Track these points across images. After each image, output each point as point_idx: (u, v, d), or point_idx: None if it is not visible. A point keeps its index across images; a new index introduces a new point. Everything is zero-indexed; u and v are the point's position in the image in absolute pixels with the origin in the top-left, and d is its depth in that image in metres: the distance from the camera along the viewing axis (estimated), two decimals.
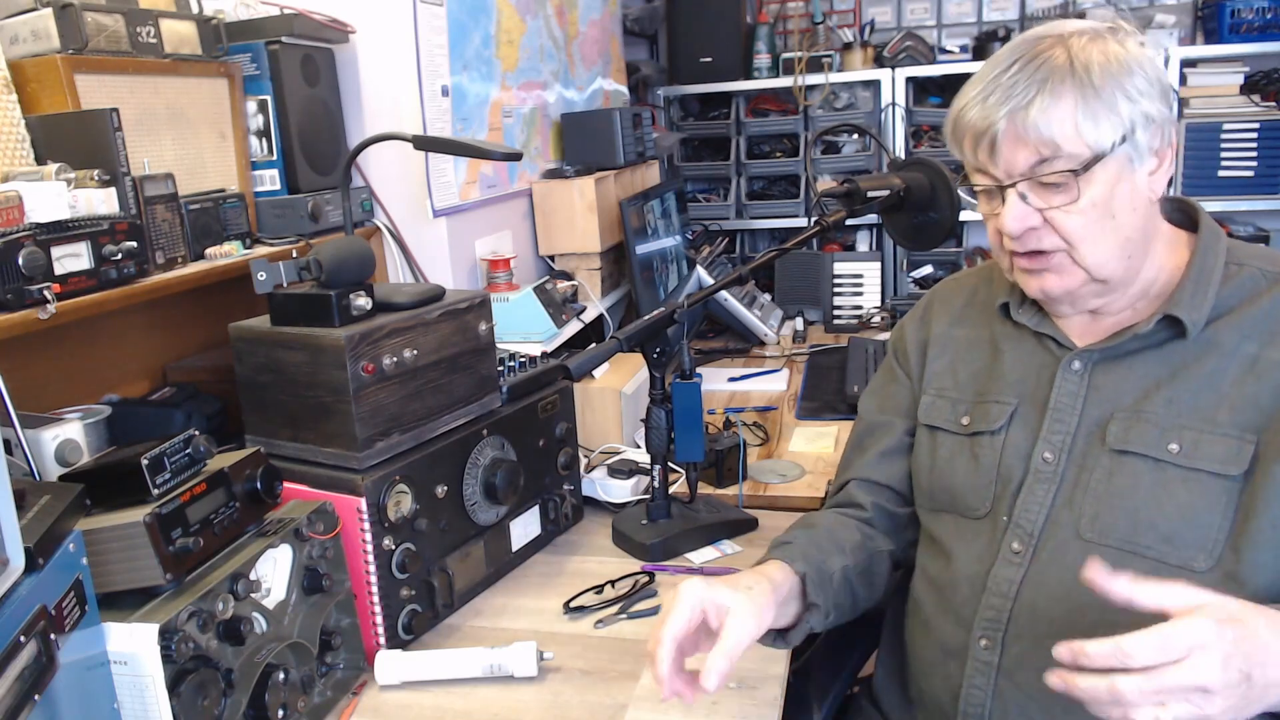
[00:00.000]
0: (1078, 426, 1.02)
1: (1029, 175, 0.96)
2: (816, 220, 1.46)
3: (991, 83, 0.96)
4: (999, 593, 1.01)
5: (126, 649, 0.85)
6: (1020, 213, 0.97)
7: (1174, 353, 0.99)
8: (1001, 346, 1.12)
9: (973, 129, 0.98)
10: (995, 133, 0.95)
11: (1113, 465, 0.98)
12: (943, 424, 1.14)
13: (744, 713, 1.05)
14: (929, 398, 1.17)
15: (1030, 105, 0.93)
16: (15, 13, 1.22)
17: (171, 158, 1.39)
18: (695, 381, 1.41)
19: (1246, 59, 2.94)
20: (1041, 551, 1.00)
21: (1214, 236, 1.03)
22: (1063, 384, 1.04)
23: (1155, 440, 0.96)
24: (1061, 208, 0.96)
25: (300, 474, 1.16)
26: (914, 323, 1.25)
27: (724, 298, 2.50)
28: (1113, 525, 0.97)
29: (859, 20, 3.42)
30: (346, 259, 1.16)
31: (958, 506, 1.09)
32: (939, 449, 1.13)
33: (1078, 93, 0.92)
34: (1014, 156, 0.96)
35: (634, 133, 2.47)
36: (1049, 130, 0.93)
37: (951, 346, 1.18)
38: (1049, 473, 1.02)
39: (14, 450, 1.04)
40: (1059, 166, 0.94)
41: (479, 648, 1.14)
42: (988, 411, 1.09)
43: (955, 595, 1.05)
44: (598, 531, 1.52)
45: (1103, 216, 0.96)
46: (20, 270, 1.02)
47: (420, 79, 1.73)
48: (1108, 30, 0.97)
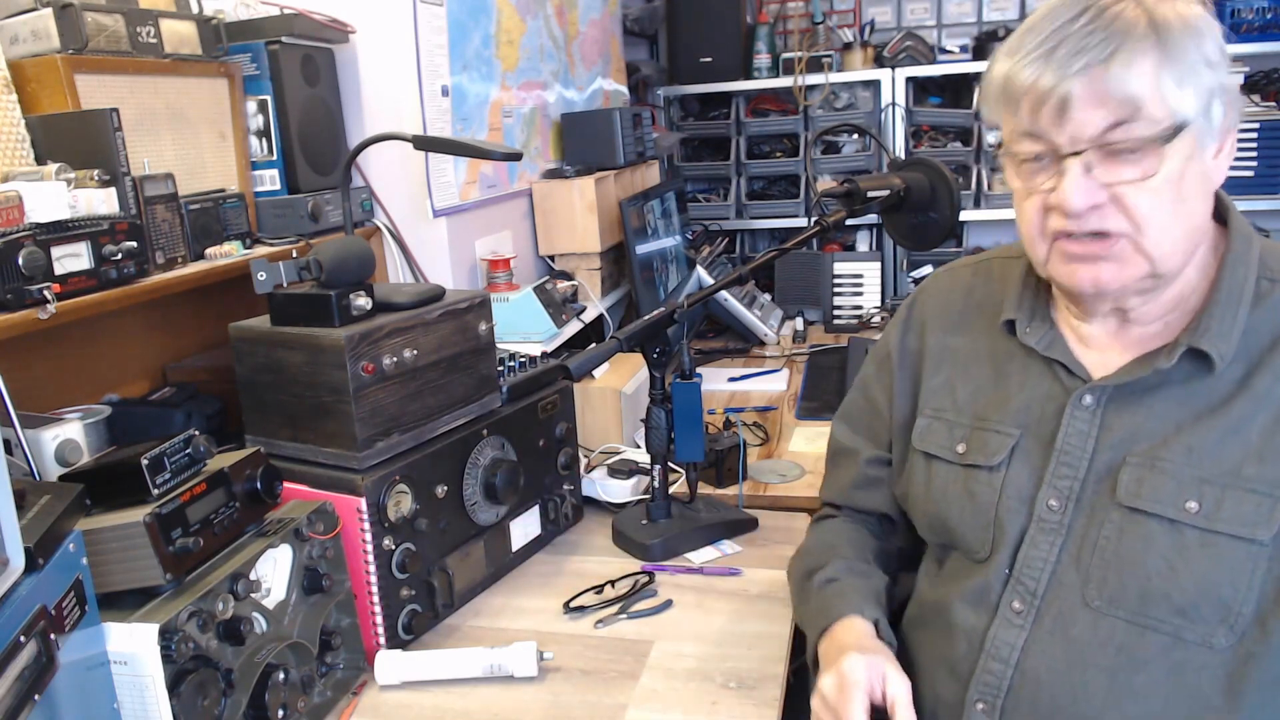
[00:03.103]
0: (1087, 472, 0.91)
1: (1099, 142, 0.83)
2: (816, 220, 1.46)
3: (1054, 35, 0.83)
4: (999, 657, 0.92)
5: (126, 649, 0.85)
6: (1086, 185, 0.84)
7: (1199, 391, 0.88)
8: (1005, 366, 1.00)
9: (1034, 88, 0.84)
10: (1067, 90, 0.82)
11: (1124, 523, 0.88)
12: (938, 451, 1.03)
13: (744, 713, 1.05)
14: (925, 420, 1.05)
15: (1112, 59, 0.80)
16: (15, 13, 1.22)
17: (171, 158, 1.39)
18: (695, 381, 1.41)
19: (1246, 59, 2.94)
20: (1045, 616, 0.90)
21: (1245, 243, 0.91)
22: (1072, 421, 0.93)
23: (1172, 496, 0.86)
24: (1133, 183, 0.83)
25: (300, 474, 1.16)
26: (901, 329, 1.13)
27: (724, 298, 2.50)
28: (1122, 594, 0.87)
29: (859, 20, 3.41)
30: (346, 259, 1.16)
31: (957, 545, 1.00)
32: (934, 479, 1.03)
33: (1160, 52, 0.80)
34: (1087, 118, 0.83)
35: (634, 133, 2.47)
36: (1132, 87, 0.80)
37: (949, 360, 1.06)
38: (1054, 523, 0.92)
39: (14, 450, 1.04)
40: (1138, 132, 0.82)
41: (479, 648, 1.14)
42: (986, 442, 0.98)
43: (952, 648, 0.96)
44: (598, 531, 1.52)
45: (1176, 198, 0.84)
46: (20, 270, 1.02)
47: (420, 79, 1.73)
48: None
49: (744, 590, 1.31)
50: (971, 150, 3.04)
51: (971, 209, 3.03)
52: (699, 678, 1.12)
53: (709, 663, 1.14)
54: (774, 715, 1.05)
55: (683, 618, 1.25)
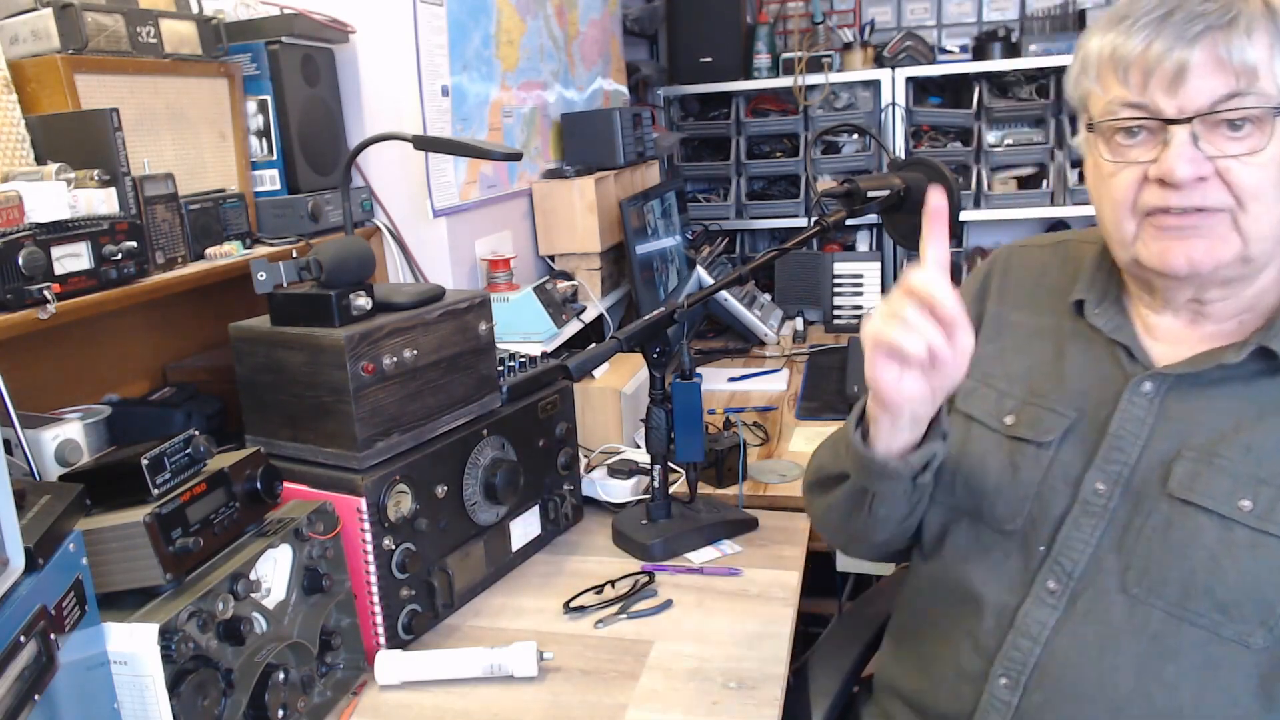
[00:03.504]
0: (1139, 459, 0.90)
1: (1210, 112, 0.82)
2: (816, 220, 1.46)
3: (1166, 1, 0.82)
4: (1028, 634, 0.92)
5: (126, 649, 0.85)
6: (1193, 155, 0.82)
7: (1263, 390, 0.87)
8: (1067, 345, 0.99)
9: (1145, 54, 0.82)
10: (1184, 57, 0.81)
11: (1172, 514, 0.87)
12: (981, 416, 1.02)
13: (744, 713, 1.05)
14: (970, 383, 1.02)
15: (1234, 25, 0.79)
16: (15, 13, 1.22)
17: (171, 158, 1.39)
18: (695, 381, 1.41)
19: None
20: (1080, 598, 0.90)
21: None
22: (1129, 407, 0.92)
23: (1225, 493, 0.85)
24: (1239, 157, 0.82)
25: (300, 474, 1.16)
26: (970, 294, 1.10)
27: (724, 298, 2.50)
28: (1163, 584, 0.86)
29: (859, 20, 3.41)
30: (346, 259, 1.16)
31: (982, 513, 0.99)
32: (971, 443, 1.02)
33: (1273, 26, 0.80)
34: (1203, 85, 0.81)
35: (634, 133, 2.47)
36: (1250, 56, 0.79)
37: (1008, 332, 1.05)
38: (1099, 507, 0.91)
39: (14, 450, 1.04)
40: (1250, 103, 0.81)
41: (479, 648, 1.14)
42: (1039, 419, 0.97)
43: (978, 621, 0.96)
44: (598, 531, 1.52)
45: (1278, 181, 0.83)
46: (20, 270, 1.02)
47: (420, 79, 1.73)
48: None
49: (744, 590, 1.31)
50: (971, 150, 3.04)
51: (971, 209, 3.03)
52: (699, 678, 1.12)
53: (709, 663, 1.14)
54: (774, 715, 1.05)
55: (683, 618, 1.25)
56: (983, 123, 3.06)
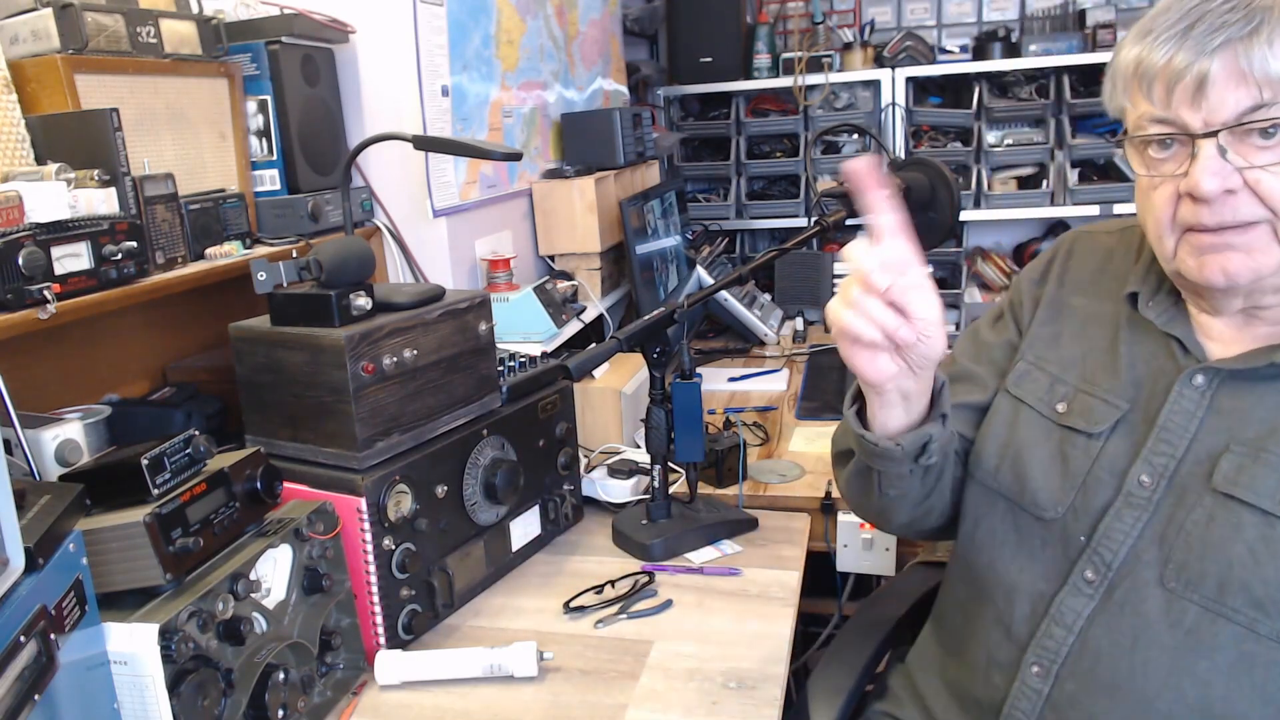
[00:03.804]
0: (1186, 452, 0.89)
1: (1236, 124, 0.81)
2: (816, 220, 1.46)
3: (1192, 13, 0.81)
4: (1063, 623, 0.92)
5: (126, 649, 0.85)
6: (1220, 168, 0.82)
7: None
8: (1122, 334, 0.98)
9: (1168, 67, 0.82)
10: (1205, 69, 0.80)
11: (1215, 508, 0.86)
12: (1032, 401, 1.01)
13: (744, 713, 1.05)
14: (1024, 365, 1.03)
15: (1255, 36, 0.79)
16: (15, 13, 1.22)
17: (171, 158, 1.39)
18: (695, 381, 1.41)
19: None
20: (1116, 589, 0.90)
21: None
22: (1179, 400, 0.91)
23: (1270, 489, 0.84)
24: (1269, 167, 0.81)
25: (300, 474, 1.16)
26: (1034, 274, 1.10)
27: (724, 298, 2.50)
28: (1201, 578, 0.85)
29: (859, 20, 3.41)
30: (346, 259, 1.16)
31: (1023, 499, 0.98)
32: (1020, 427, 1.01)
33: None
34: (1226, 97, 0.81)
35: (634, 133, 2.47)
36: (1274, 67, 0.79)
37: (1065, 316, 1.04)
38: (1143, 499, 0.90)
39: (14, 450, 1.04)
40: (1278, 112, 0.80)
41: (479, 648, 1.14)
42: (1091, 409, 0.96)
43: (1012, 608, 0.97)
44: (598, 531, 1.52)
45: None
46: (20, 270, 1.02)
47: (420, 79, 1.73)
48: None
49: (744, 590, 1.31)
50: (971, 150, 3.04)
51: (971, 209, 3.03)
52: (699, 678, 1.12)
53: (709, 663, 1.14)
54: (774, 715, 1.05)
55: (683, 618, 1.25)
56: (983, 123, 3.06)
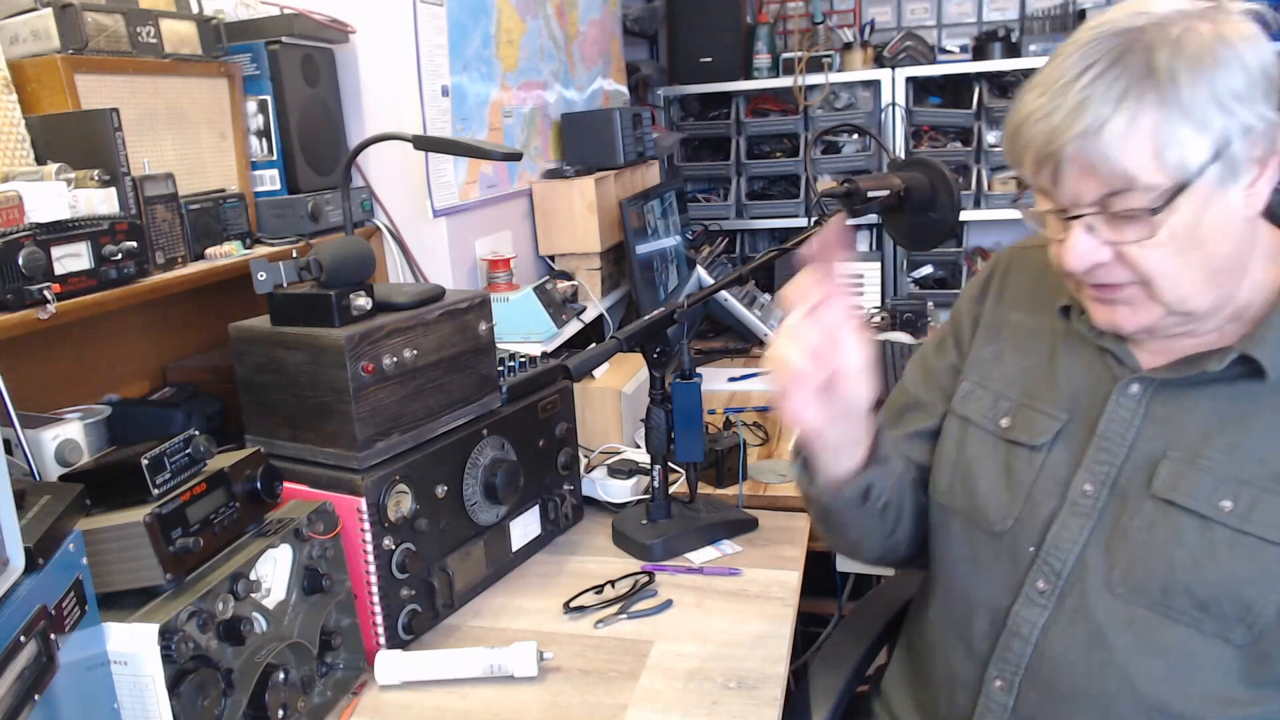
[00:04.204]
0: (1125, 460, 0.91)
1: (1095, 211, 0.83)
2: (816, 220, 1.46)
3: (1058, 93, 0.80)
4: (1020, 635, 0.93)
5: (126, 649, 0.85)
6: (1086, 248, 0.84)
7: (1247, 392, 0.87)
8: (1060, 347, 1.00)
9: (1034, 149, 0.83)
10: (1059, 159, 0.81)
11: (1155, 514, 0.88)
12: (978, 419, 1.03)
13: (744, 713, 1.05)
14: (968, 385, 1.05)
15: (1102, 129, 0.78)
16: (15, 13, 1.22)
17: (171, 158, 1.39)
18: (695, 381, 1.41)
19: None
20: (1067, 597, 0.92)
21: None
22: (1116, 409, 0.93)
23: (1207, 494, 0.85)
24: (1136, 243, 0.82)
25: (300, 474, 1.16)
26: (974, 292, 1.12)
27: (724, 298, 2.50)
28: (1145, 583, 0.87)
29: (859, 20, 3.42)
30: (346, 259, 1.16)
31: (975, 515, 1.00)
32: (968, 445, 1.03)
33: (1160, 111, 0.77)
34: (1080, 187, 0.82)
35: (634, 133, 2.47)
36: (1123, 161, 0.78)
37: (1005, 333, 1.06)
38: (1087, 507, 0.92)
39: (14, 450, 1.04)
40: (1133, 202, 0.80)
41: (479, 648, 1.14)
42: (1032, 422, 0.98)
43: (970, 625, 0.98)
44: (598, 531, 1.52)
45: (1186, 248, 0.82)
46: (20, 270, 1.02)
47: (420, 79, 1.73)
48: (1207, 10, 0.80)
49: (744, 590, 1.31)
50: (971, 150, 3.04)
51: (971, 209, 3.03)
52: (699, 678, 1.12)
53: (709, 663, 1.14)
54: (774, 715, 1.05)
55: (683, 618, 1.25)
56: (983, 123, 3.06)
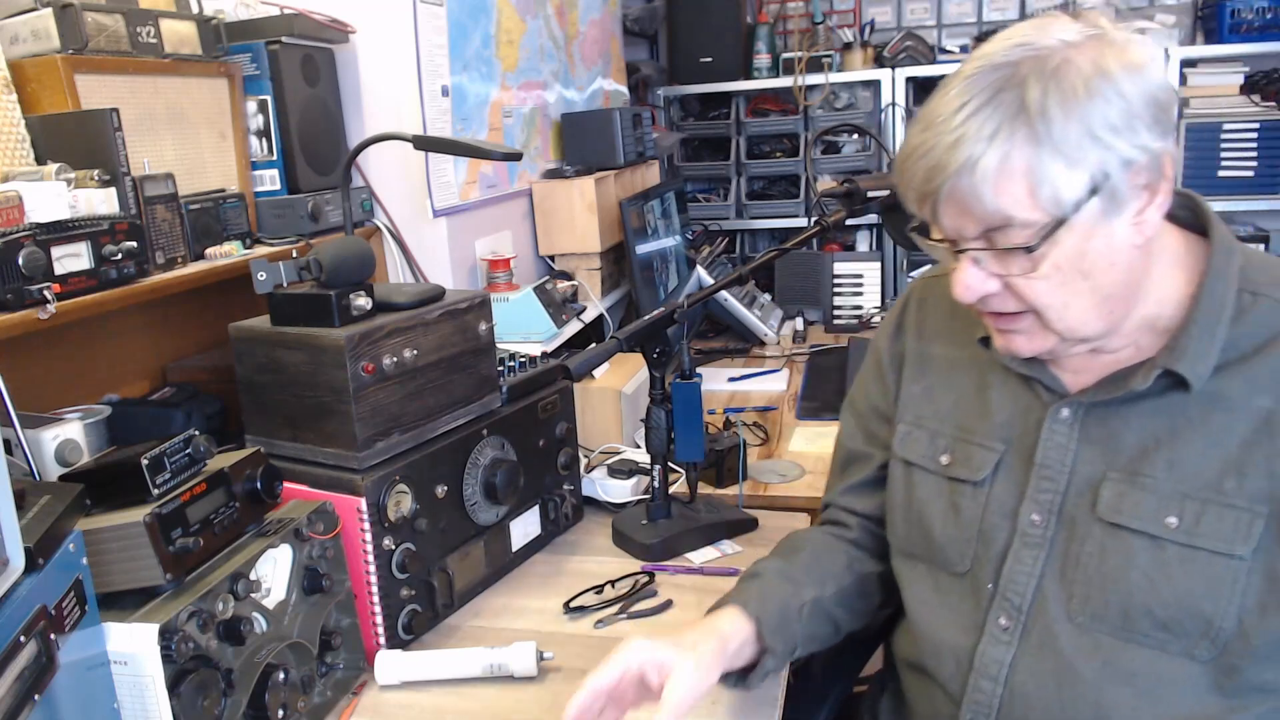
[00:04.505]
0: (1068, 485, 0.90)
1: (978, 247, 0.83)
2: (816, 220, 1.46)
3: (937, 130, 0.79)
4: (988, 675, 0.92)
5: (126, 649, 0.85)
6: (973, 280, 0.84)
7: (1176, 405, 0.86)
8: (987, 377, 0.99)
9: (915, 186, 0.83)
10: (937, 197, 0.81)
11: (1105, 538, 0.87)
12: (919, 460, 1.02)
13: (744, 713, 1.05)
14: (905, 427, 1.04)
15: (975, 168, 0.77)
16: (15, 13, 1.22)
17: (171, 158, 1.39)
18: (695, 381, 1.41)
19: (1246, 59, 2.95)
20: (1031, 632, 0.91)
21: (1225, 256, 0.87)
22: (1051, 435, 0.92)
23: (1152, 513, 0.85)
24: (1021, 275, 0.82)
25: (300, 474, 1.16)
26: (888, 331, 1.11)
27: (724, 298, 2.50)
28: (1105, 609, 0.87)
29: (859, 20, 3.42)
30: (346, 259, 1.16)
31: (935, 558, 0.99)
32: (915, 488, 1.02)
33: (1032, 148, 0.76)
34: (960, 223, 0.82)
35: (634, 133, 2.47)
36: (997, 201, 0.78)
37: (930, 368, 1.04)
38: (1037, 538, 0.91)
39: (14, 450, 1.04)
40: (1013, 238, 0.80)
41: (479, 648, 1.14)
42: (970, 456, 0.97)
43: (941, 667, 0.97)
44: (598, 531, 1.52)
45: (1071, 279, 0.81)
46: (20, 270, 1.02)
47: (420, 79, 1.73)
48: (1090, 40, 0.78)
49: None
50: None
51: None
52: None
53: None
54: (774, 715, 1.05)
55: (683, 618, 1.25)
56: None
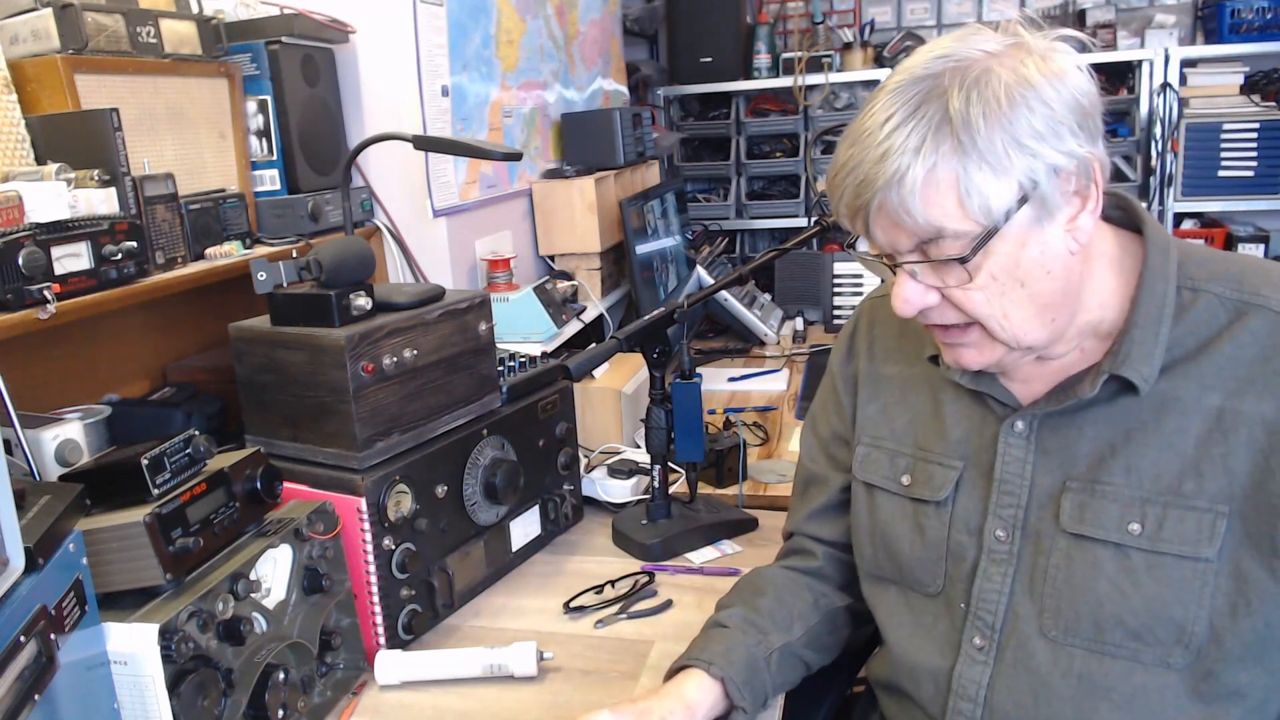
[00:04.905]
0: (1029, 499, 0.90)
1: (912, 260, 0.82)
2: (816, 220, 1.46)
3: (864, 145, 0.79)
4: (967, 696, 0.92)
5: (126, 649, 0.85)
6: (912, 293, 0.83)
7: (1128, 409, 0.86)
8: (940, 394, 0.98)
9: (845, 202, 0.82)
10: (868, 211, 0.81)
11: (1070, 549, 0.87)
12: (880, 482, 1.01)
13: None
14: (864, 449, 1.03)
15: (903, 182, 0.77)
16: (15, 13, 1.22)
17: (171, 158, 1.39)
18: (695, 381, 1.41)
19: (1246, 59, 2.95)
20: (1005, 650, 0.90)
21: (1162, 256, 0.86)
22: (1007, 449, 0.91)
23: (1115, 520, 0.84)
24: (958, 286, 0.81)
25: (300, 474, 1.16)
26: (841, 353, 1.10)
27: (724, 298, 2.50)
28: (1076, 622, 0.86)
29: (859, 20, 3.42)
30: (346, 259, 1.16)
31: (905, 580, 0.99)
32: (878, 510, 1.01)
33: (959, 160, 0.76)
34: (893, 237, 0.82)
35: (634, 133, 2.47)
36: (926, 216, 0.78)
37: (884, 388, 1.04)
38: (1003, 554, 0.91)
39: (14, 450, 1.04)
40: (946, 250, 0.79)
41: (479, 648, 1.14)
42: (931, 475, 0.96)
43: (920, 691, 0.96)
44: (598, 531, 1.52)
45: (1008, 287, 0.81)
46: (20, 270, 1.02)
47: (420, 79, 1.73)
48: (1009, 49, 0.79)
49: None
50: None
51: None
52: None
53: None
54: (774, 715, 1.05)
55: (683, 618, 1.25)
56: None
